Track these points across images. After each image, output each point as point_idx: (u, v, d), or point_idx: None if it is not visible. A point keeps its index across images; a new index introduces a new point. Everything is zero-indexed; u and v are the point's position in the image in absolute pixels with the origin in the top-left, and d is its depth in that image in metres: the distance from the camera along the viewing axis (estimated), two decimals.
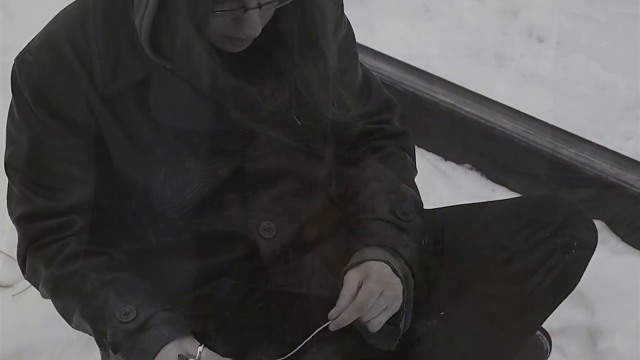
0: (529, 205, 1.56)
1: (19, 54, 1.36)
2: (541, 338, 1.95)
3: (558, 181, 2.45)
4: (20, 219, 1.42)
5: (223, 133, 1.35)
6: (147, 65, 1.30)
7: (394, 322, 1.38)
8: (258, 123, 1.34)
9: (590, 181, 2.38)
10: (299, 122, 1.37)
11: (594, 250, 1.52)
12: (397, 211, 1.44)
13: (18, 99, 1.36)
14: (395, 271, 1.37)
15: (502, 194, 2.55)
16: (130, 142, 1.34)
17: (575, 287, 1.54)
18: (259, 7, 1.22)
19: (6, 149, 1.41)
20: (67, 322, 1.45)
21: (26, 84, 1.33)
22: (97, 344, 1.38)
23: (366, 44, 2.81)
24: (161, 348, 1.30)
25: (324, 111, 1.40)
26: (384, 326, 1.37)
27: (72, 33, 1.32)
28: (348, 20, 1.52)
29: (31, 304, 2.11)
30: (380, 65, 2.76)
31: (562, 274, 1.50)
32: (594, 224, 1.53)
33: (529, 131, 2.52)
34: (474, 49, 3.12)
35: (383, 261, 1.38)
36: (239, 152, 1.38)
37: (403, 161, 1.55)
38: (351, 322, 1.32)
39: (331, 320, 1.31)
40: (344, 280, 1.36)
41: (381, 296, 1.33)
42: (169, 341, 1.30)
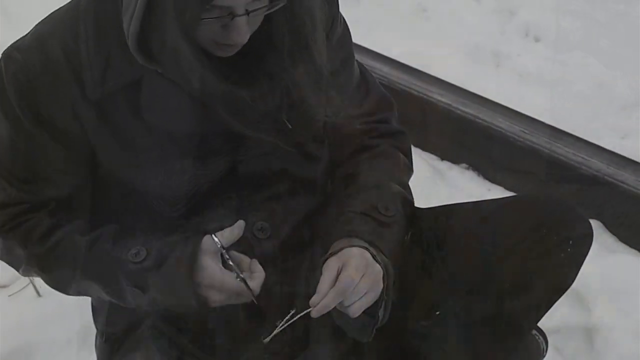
0: (525, 203, 1.57)
1: (6, 49, 1.35)
2: (537, 337, 1.95)
3: (554, 180, 2.45)
4: None
5: (214, 135, 1.35)
6: (137, 69, 1.30)
7: (372, 313, 1.38)
8: (249, 126, 1.34)
9: (587, 180, 2.38)
10: (289, 125, 1.36)
11: (589, 249, 1.52)
12: (378, 206, 1.44)
13: (1, 94, 1.35)
14: (375, 257, 1.37)
15: (498, 193, 2.55)
16: (121, 145, 1.34)
17: (570, 286, 1.54)
18: (247, 14, 1.22)
19: None
20: (63, 292, 1.45)
21: (12, 82, 1.33)
22: (111, 296, 1.37)
23: (362, 44, 2.81)
24: (197, 265, 1.30)
25: (315, 113, 1.40)
26: (363, 316, 1.37)
27: (62, 35, 1.32)
28: (344, 20, 1.52)
29: (28, 304, 2.12)
30: (376, 65, 2.77)
31: (558, 273, 1.50)
32: (590, 223, 1.53)
33: (526, 130, 2.52)
34: (470, 49, 3.13)
35: (362, 247, 1.37)
36: (231, 153, 1.38)
37: (394, 159, 1.54)
38: (332, 307, 1.30)
39: (313, 307, 1.30)
40: (324, 267, 1.34)
41: (361, 280, 1.32)
42: (197, 255, 1.31)
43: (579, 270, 1.53)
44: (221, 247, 1.32)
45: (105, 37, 1.31)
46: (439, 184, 2.56)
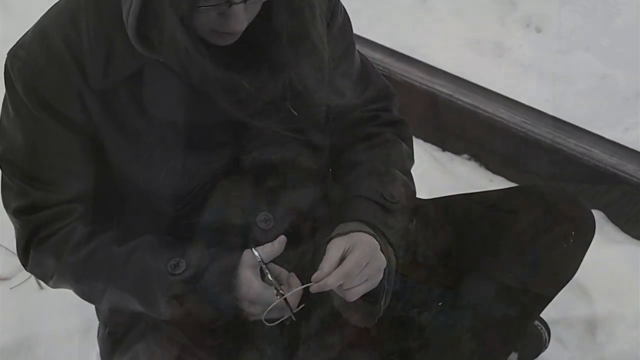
0: (527, 194, 1.56)
1: (11, 48, 1.36)
2: (540, 328, 1.95)
3: (556, 171, 2.45)
4: (17, 212, 1.41)
5: (217, 125, 1.35)
6: (139, 59, 1.29)
7: (374, 299, 1.38)
8: (251, 115, 1.33)
9: (589, 171, 2.38)
10: (294, 113, 1.36)
11: (591, 239, 1.52)
12: (384, 192, 1.44)
13: (11, 93, 1.36)
14: (381, 247, 1.37)
15: (500, 184, 2.55)
16: (124, 135, 1.34)
17: (573, 277, 1.54)
18: (244, 1, 1.22)
19: (0, 142, 1.41)
20: (94, 303, 1.45)
21: (18, 78, 1.33)
22: (144, 307, 1.37)
23: (364, 35, 2.81)
24: (237, 280, 1.31)
25: (318, 101, 1.40)
26: (364, 303, 1.37)
27: (63, 27, 1.32)
28: (345, 10, 1.51)
29: (29, 297, 2.12)
30: (378, 56, 2.76)
31: (560, 263, 1.50)
32: (592, 214, 1.53)
33: (528, 121, 2.52)
34: (472, 40, 3.12)
35: (371, 234, 1.37)
36: (234, 143, 1.38)
37: (398, 148, 1.54)
38: (334, 287, 1.30)
39: (314, 282, 1.30)
40: (328, 247, 1.35)
41: (366, 267, 1.33)
42: (237, 268, 1.32)
43: (582, 260, 1.53)
44: (261, 261, 1.33)
45: (107, 27, 1.30)
46: (441, 174, 2.56)
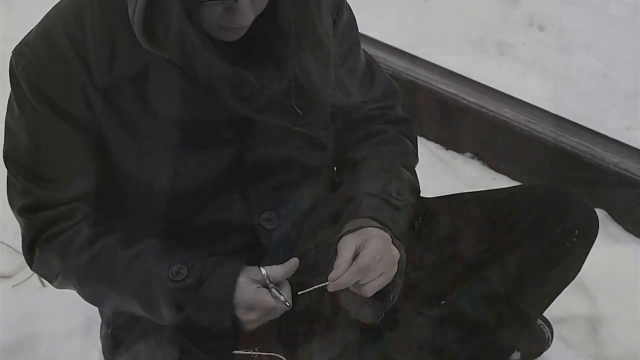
0: (530, 193, 1.56)
1: (16, 46, 1.36)
2: (542, 327, 1.95)
3: (559, 170, 2.44)
4: (22, 210, 1.41)
5: (221, 122, 1.35)
6: (144, 56, 1.29)
7: (382, 297, 1.38)
8: (257, 111, 1.33)
9: (592, 169, 2.38)
10: (299, 110, 1.36)
11: (595, 238, 1.52)
12: (390, 189, 1.44)
13: (16, 91, 1.36)
14: (392, 240, 1.37)
15: (503, 182, 2.55)
16: (129, 132, 1.34)
17: (576, 276, 1.54)
18: None
19: (5, 141, 1.40)
20: (97, 305, 1.46)
21: (23, 76, 1.33)
22: (146, 312, 1.37)
23: (367, 33, 2.80)
24: (235, 285, 1.32)
25: (323, 98, 1.40)
26: (372, 300, 1.37)
27: (68, 25, 1.32)
28: (350, 8, 1.51)
29: (31, 295, 2.12)
30: (381, 54, 2.76)
31: (563, 263, 1.50)
32: (595, 213, 1.53)
33: (530, 120, 2.52)
34: (474, 38, 3.12)
35: (381, 228, 1.37)
36: (238, 141, 1.38)
37: (403, 146, 1.54)
38: (351, 284, 1.31)
39: (331, 281, 1.30)
40: (340, 244, 1.35)
41: (381, 260, 1.33)
42: (237, 276, 1.32)
43: (585, 259, 1.53)
44: (267, 278, 1.34)
45: (111, 25, 1.30)
46: (444, 173, 2.56)
